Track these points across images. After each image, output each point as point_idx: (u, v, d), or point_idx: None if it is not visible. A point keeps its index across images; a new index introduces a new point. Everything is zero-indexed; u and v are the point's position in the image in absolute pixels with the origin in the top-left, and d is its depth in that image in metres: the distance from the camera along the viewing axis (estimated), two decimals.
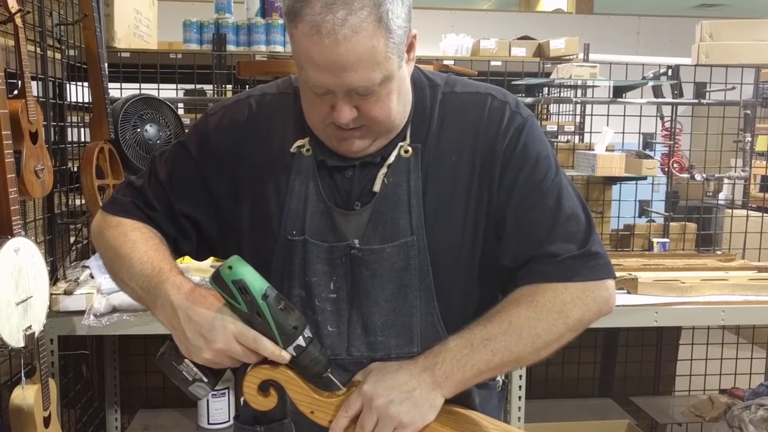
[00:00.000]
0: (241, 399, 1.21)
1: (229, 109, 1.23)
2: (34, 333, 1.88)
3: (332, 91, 1.04)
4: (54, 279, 2.37)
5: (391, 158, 1.14)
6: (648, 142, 3.58)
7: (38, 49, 2.32)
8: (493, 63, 3.37)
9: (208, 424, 2.85)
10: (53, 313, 2.19)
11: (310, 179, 1.16)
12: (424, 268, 1.14)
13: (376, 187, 1.14)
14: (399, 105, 1.10)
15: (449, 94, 1.18)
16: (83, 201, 2.46)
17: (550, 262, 1.13)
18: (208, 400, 2.83)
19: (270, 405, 1.09)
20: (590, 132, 3.74)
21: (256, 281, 1.04)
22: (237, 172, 1.19)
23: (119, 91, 3.06)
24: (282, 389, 1.09)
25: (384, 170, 1.14)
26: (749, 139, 3.44)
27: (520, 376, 2.49)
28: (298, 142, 1.17)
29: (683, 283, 2.57)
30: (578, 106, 3.87)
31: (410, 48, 1.10)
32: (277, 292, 1.06)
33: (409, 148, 1.14)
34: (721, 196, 4.52)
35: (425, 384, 1.07)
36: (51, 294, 2.12)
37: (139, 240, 1.18)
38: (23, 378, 1.95)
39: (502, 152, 1.14)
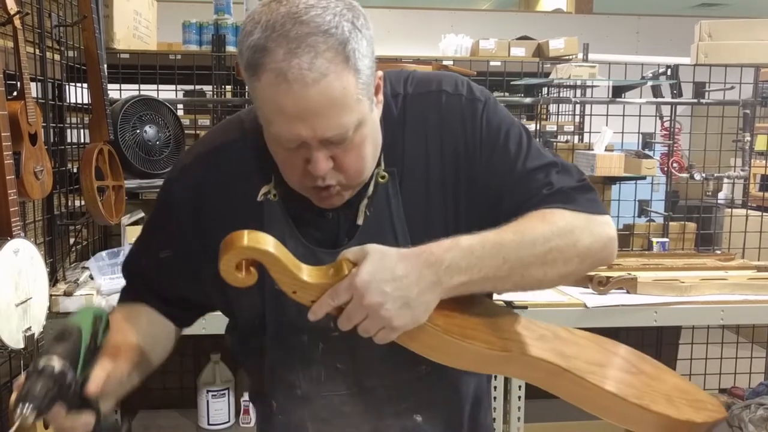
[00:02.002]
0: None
1: (185, 172, 1.18)
2: (33, 334, 1.88)
3: (306, 143, 0.98)
4: (54, 280, 2.37)
5: (370, 189, 1.10)
6: (647, 141, 3.58)
7: (37, 51, 2.32)
8: (492, 63, 3.37)
9: (208, 424, 2.85)
10: (53, 315, 2.19)
11: (284, 226, 1.11)
12: None
13: (359, 221, 1.11)
14: (372, 151, 1.06)
15: (405, 98, 1.14)
16: (83, 202, 2.46)
17: (554, 192, 1.10)
18: (208, 401, 2.83)
19: (249, 282, 0.98)
20: (589, 132, 3.75)
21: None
22: (208, 238, 1.12)
23: (119, 92, 3.06)
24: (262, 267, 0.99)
25: (365, 202, 1.11)
26: (748, 138, 3.44)
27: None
28: (263, 189, 1.11)
29: (683, 282, 2.58)
30: (577, 106, 3.88)
31: (377, 90, 1.05)
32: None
33: (385, 174, 1.11)
34: (721, 195, 4.52)
35: (425, 282, 0.97)
36: (51, 295, 2.12)
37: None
38: None
39: (474, 144, 1.12)
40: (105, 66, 2.54)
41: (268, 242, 0.96)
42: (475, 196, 1.12)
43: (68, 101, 2.66)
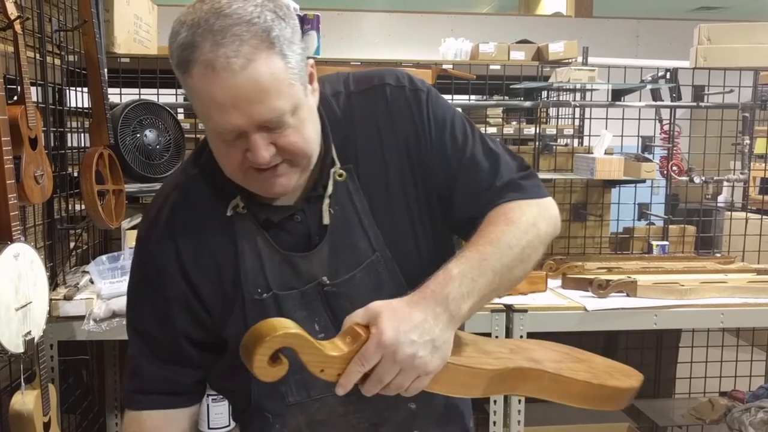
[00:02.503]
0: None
1: (152, 229, 1.18)
2: (33, 338, 1.89)
3: (244, 133, 1.00)
4: (54, 284, 2.37)
5: (330, 188, 1.13)
6: (647, 145, 3.58)
7: (38, 55, 2.32)
8: (492, 67, 3.37)
9: (208, 428, 2.85)
10: (53, 319, 2.20)
11: (256, 235, 1.13)
12: (396, 279, 1.16)
13: (326, 220, 1.13)
14: (314, 134, 1.08)
15: (349, 97, 1.17)
16: (83, 206, 2.46)
17: (505, 183, 1.16)
18: (208, 405, 2.83)
19: (281, 373, 0.97)
20: (589, 135, 3.74)
21: None
22: (189, 277, 1.15)
23: (119, 96, 3.06)
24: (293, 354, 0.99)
25: (327, 201, 1.13)
26: (748, 141, 3.45)
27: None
28: (231, 204, 1.13)
29: (683, 285, 2.58)
30: (577, 109, 3.88)
31: (311, 78, 1.07)
32: None
33: (342, 172, 1.14)
34: (720, 198, 4.51)
35: (441, 320, 0.99)
36: (51, 299, 2.12)
37: None
38: (23, 383, 1.95)
39: (424, 132, 1.16)
40: (105, 70, 2.54)
41: (293, 325, 0.96)
42: (430, 181, 1.17)
43: (68, 105, 2.66)
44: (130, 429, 1.22)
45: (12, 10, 1.90)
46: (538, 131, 3.47)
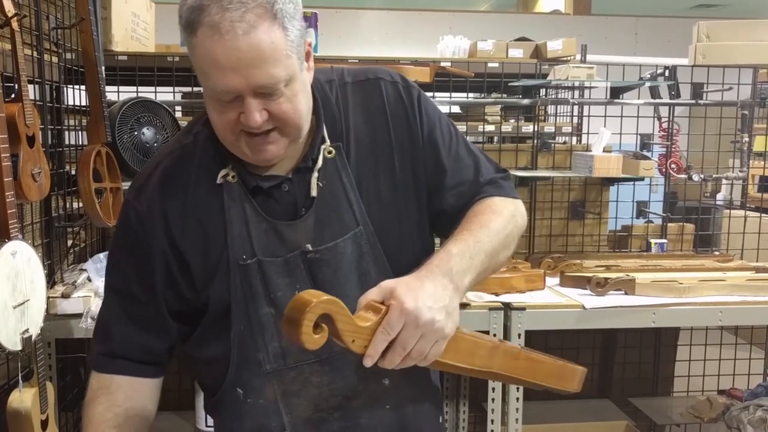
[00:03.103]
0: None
1: (142, 189, 1.22)
2: (31, 336, 1.88)
3: (240, 96, 1.06)
4: (51, 282, 2.37)
5: (319, 163, 1.20)
6: (645, 143, 3.58)
7: (35, 53, 2.32)
8: (490, 65, 3.37)
9: (206, 426, 2.85)
10: (50, 316, 2.19)
11: (245, 202, 1.18)
12: (376, 252, 1.22)
13: (313, 192, 1.20)
14: (306, 107, 1.14)
15: (343, 85, 1.25)
16: (80, 204, 2.46)
17: (488, 181, 1.29)
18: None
19: (323, 341, 1.00)
20: (587, 133, 3.74)
21: None
22: (178, 238, 1.20)
23: (116, 94, 3.05)
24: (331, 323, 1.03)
25: (315, 174, 1.20)
26: (747, 139, 3.44)
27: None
28: (222, 173, 1.19)
29: (681, 283, 2.58)
30: (575, 107, 3.87)
31: (308, 56, 1.14)
32: None
33: (332, 149, 1.21)
34: (719, 196, 4.52)
35: (449, 290, 1.07)
36: (48, 297, 2.12)
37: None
38: (20, 381, 1.95)
39: (416, 123, 1.25)
40: (103, 68, 2.54)
41: (330, 295, 1.01)
42: (420, 171, 1.25)
43: (66, 103, 2.66)
44: (96, 392, 1.24)
45: (9, 8, 1.90)
46: (536, 129, 3.46)
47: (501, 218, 1.22)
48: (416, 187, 1.25)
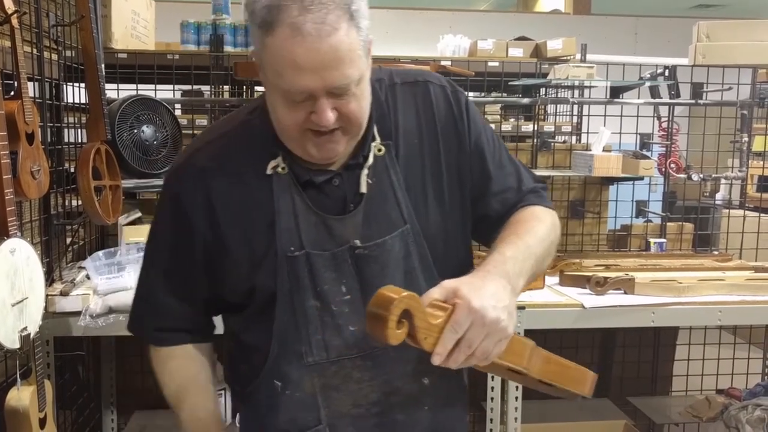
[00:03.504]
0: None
1: (187, 168, 1.23)
2: (29, 334, 1.88)
3: (312, 96, 1.06)
4: (50, 280, 2.37)
5: (370, 160, 1.21)
6: (645, 142, 3.58)
7: (35, 50, 2.32)
8: (490, 64, 3.37)
9: None
10: (49, 314, 2.19)
11: (294, 195, 1.19)
12: (422, 251, 1.23)
13: (363, 189, 1.20)
14: (368, 106, 1.15)
15: (392, 86, 1.26)
16: (80, 202, 2.45)
17: (530, 189, 1.33)
18: None
19: (403, 336, 1.02)
20: (587, 132, 3.75)
21: None
22: (222, 224, 1.20)
23: (116, 92, 3.05)
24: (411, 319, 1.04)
25: (366, 171, 1.21)
26: (746, 139, 3.45)
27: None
28: (272, 164, 1.19)
29: (680, 283, 2.58)
30: (575, 106, 3.88)
31: (368, 53, 1.14)
32: None
33: (382, 147, 1.22)
34: (718, 196, 4.52)
35: (507, 291, 1.09)
36: (47, 295, 2.12)
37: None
38: (19, 379, 1.95)
39: (464, 129, 1.26)
40: (102, 66, 2.53)
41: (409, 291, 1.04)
42: (466, 174, 1.27)
43: (65, 101, 2.65)
44: (170, 365, 1.32)
45: (9, 5, 1.89)
46: (536, 128, 3.46)
47: (545, 226, 1.26)
48: (462, 192, 1.27)
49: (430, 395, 1.28)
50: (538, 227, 1.24)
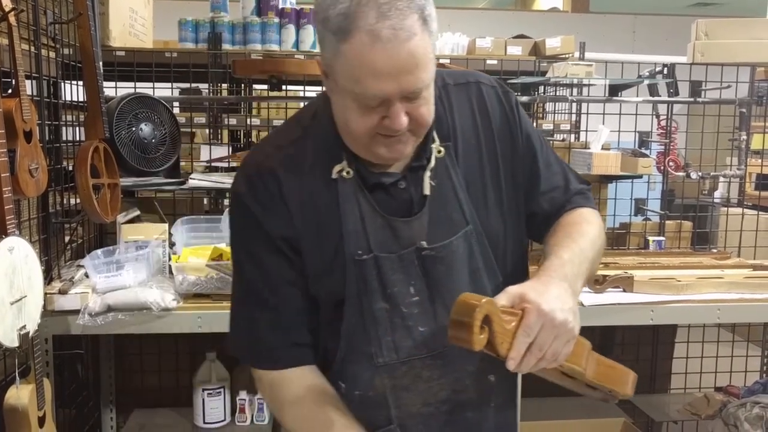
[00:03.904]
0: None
1: (255, 183, 1.21)
2: (28, 332, 1.88)
3: (387, 100, 1.07)
4: (48, 278, 2.36)
5: (432, 162, 1.22)
6: (644, 140, 3.58)
7: (32, 48, 2.31)
8: (489, 62, 3.37)
9: (204, 423, 2.85)
10: (48, 313, 2.18)
11: (360, 198, 1.20)
12: (484, 251, 1.24)
13: (426, 191, 1.21)
14: (433, 108, 1.17)
15: (445, 87, 1.27)
16: (78, 200, 2.45)
17: (578, 191, 1.36)
18: (203, 399, 2.83)
19: (485, 342, 1.03)
20: (586, 130, 3.74)
21: None
22: (292, 225, 1.20)
23: (114, 89, 3.05)
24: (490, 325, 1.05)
25: (428, 173, 1.22)
26: (745, 137, 3.44)
27: (517, 374, 2.49)
28: (336, 168, 1.20)
29: (679, 281, 2.58)
30: (574, 104, 3.88)
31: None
32: None
33: (441, 148, 1.23)
34: (717, 194, 4.53)
35: (569, 293, 1.11)
36: (45, 293, 2.11)
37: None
38: (17, 378, 1.94)
39: (516, 129, 1.28)
40: (101, 63, 2.52)
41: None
42: (519, 173, 1.29)
43: (63, 99, 2.65)
44: (288, 389, 1.23)
45: (6, 2, 1.89)
46: (535, 126, 3.45)
47: (595, 229, 1.29)
48: (516, 192, 1.29)
49: (495, 392, 1.29)
50: (589, 230, 1.27)
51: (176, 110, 3.42)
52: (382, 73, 1.04)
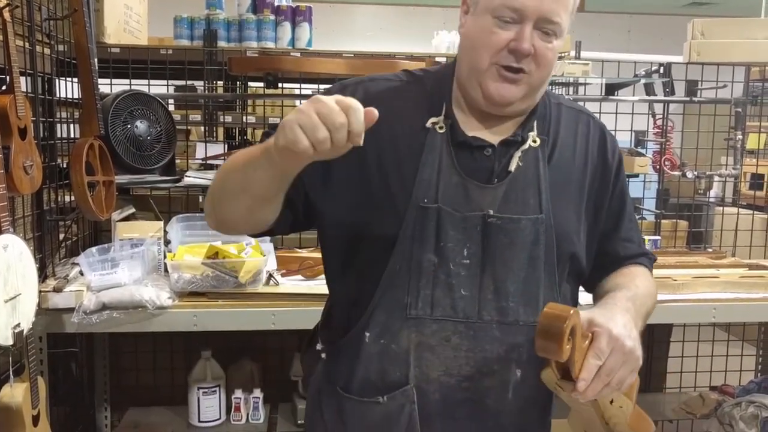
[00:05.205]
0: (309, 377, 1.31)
1: (365, 86, 1.26)
2: (22, 331, 1.87)
3: (523, 18, 1.13)
4: (43, 276, 2.35)
5: (526, 144, 1.25)
6: (640, 139, 3.58)
7: (27, 44, 2.29)
8: None
9: (199, 421, 2.84)
10: (42, 311, 2.17)
11: (443, 153, 1.22)
12: (550, 245, 1.24)
13: (512, 167, 1.24)
14: (549, 75, 1.21)
15: (557, 105, 1.33)
16: (73, 197, 2.44)
17: (643, 252, 1.42)
18: (199, 398, 2.82)
19: (569, 353, 1.04)
20: None
21: None
22: (364, 150, 1.08)
23: (109, 86, 3.03)
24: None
25: (519, 153, 1.24)
26: (740, 137, 3.45)
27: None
28: (432, 119, 1.23)
29: (674, 280, 2.58)
30: None
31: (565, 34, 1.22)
32: None
33: (538, 139, 1.26)
34: (712, 193, 4.53)
35: (632, 326, 1.12)
36: (40, 291, 2.10)
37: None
38: (11, 376, 1.94)
39: (611, 176, 1.34)
40: (95, 60, 2.51)
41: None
42: (601, 210, 1.34)
43: (58, 95, 2.63)
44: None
45: None
46: None
47: (652, 285, 1.36)
48: (595, 225, 1.33)
49: (518, 387, 1.26)
50: (651, 289, 1.33)
51: (171, 107, 3.41)
52: None
